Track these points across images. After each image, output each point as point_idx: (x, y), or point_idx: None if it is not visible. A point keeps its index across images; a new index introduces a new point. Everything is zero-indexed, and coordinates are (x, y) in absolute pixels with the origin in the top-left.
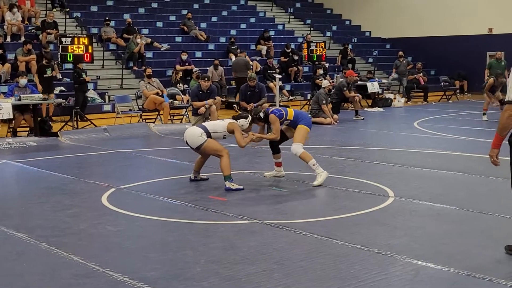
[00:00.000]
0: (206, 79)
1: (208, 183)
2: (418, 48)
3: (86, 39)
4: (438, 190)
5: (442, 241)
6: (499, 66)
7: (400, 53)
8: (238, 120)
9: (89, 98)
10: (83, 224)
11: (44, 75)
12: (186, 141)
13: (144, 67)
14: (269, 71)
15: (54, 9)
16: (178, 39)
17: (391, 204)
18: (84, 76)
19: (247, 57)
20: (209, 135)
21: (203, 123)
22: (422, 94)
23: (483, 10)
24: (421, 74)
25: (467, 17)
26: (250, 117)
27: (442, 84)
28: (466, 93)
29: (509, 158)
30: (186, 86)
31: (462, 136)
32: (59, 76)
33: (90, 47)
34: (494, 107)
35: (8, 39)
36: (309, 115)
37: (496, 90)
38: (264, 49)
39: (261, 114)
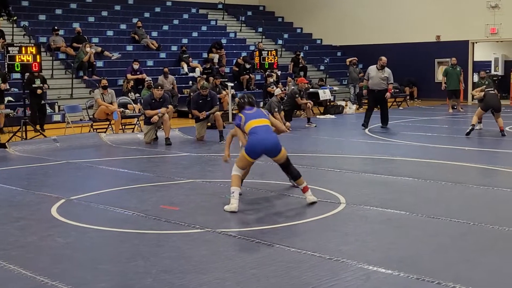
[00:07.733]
0: (160, 87)
1: (160, 193)
2: (369, 55)
3: (34, 48)
4: (389, 196)
5: (393, 246)
6: (454, 72)
7: (354, 60)
8: None
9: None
10: (31, 237)
11: None
12: None
13: (97, 78)
14: (221, 80)
15: (1, 18)
16: (129, 48)
17: (343, 210)
18: (37, 83)
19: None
20: None
21: None
22: None
23: (431, 18)
24: None
25: (416, 25)
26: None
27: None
28: (416, 100)
29: None
30: (137, 95)
31: (412, 142)
32: (7, 86)
33: (38, 56)
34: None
35: None
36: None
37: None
38: (216, 57)
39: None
